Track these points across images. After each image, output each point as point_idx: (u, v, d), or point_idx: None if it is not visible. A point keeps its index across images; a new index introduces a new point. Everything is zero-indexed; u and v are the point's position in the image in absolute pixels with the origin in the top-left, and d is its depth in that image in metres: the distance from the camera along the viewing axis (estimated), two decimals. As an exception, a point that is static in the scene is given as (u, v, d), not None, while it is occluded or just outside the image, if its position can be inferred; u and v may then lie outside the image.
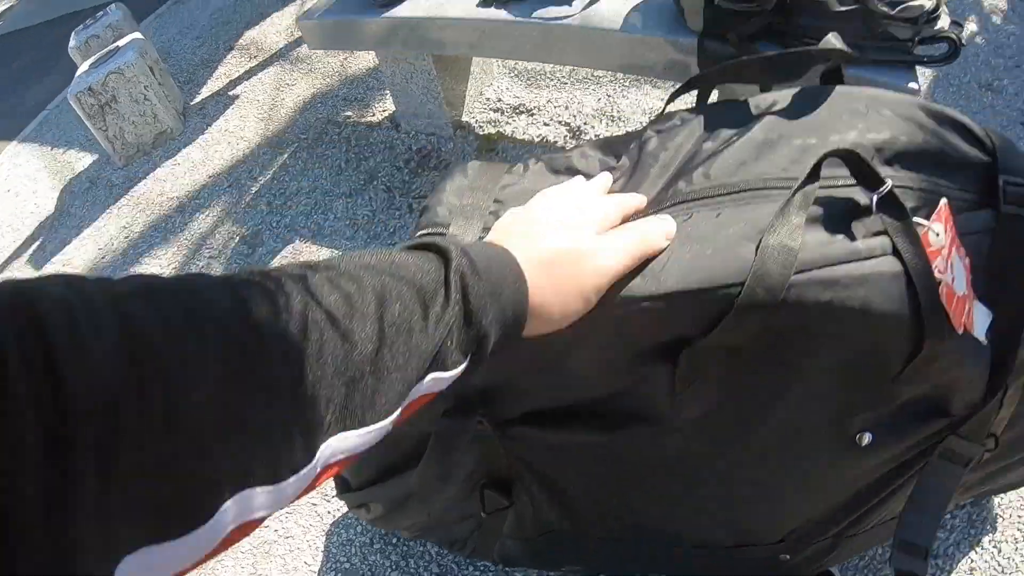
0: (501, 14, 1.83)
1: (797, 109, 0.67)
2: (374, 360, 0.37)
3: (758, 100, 0.70)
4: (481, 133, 2.31)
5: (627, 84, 2.35)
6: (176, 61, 3.49)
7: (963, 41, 1.47)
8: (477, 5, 1.89)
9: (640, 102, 2.29)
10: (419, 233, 0.73)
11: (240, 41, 3.38)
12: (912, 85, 1.42)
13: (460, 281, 0.42)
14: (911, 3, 1.37)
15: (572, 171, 0.74)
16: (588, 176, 0.70)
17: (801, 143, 0.63)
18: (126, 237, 2.57)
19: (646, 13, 1.72)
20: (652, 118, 0.76)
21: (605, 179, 0.68)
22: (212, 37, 3.54)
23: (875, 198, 0.55)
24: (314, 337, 0.35)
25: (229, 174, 2.59)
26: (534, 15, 1.78)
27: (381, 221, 2.13)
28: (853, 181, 0.57)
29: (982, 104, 2.25)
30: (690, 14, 1.60)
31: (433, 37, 1.97)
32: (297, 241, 2.19)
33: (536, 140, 2.25)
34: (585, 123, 2.26)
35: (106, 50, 3.04)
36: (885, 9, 1.37)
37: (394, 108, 2.43)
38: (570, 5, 1.78)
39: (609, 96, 2.34)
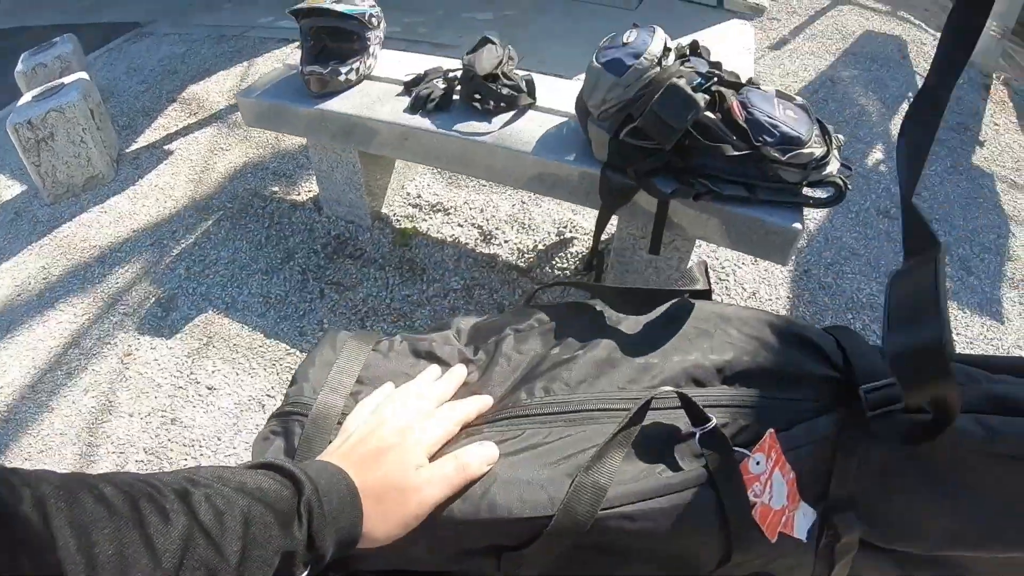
0: (425, 123, 2.00)
1: (648, 326, 0.70)
2: (238, 569, 0.48)
3: (611, 313, 0.74)
4: (398, 227, 2.47)
5: (542, 194, 2.54)
6: (118, 102, 3.53)
7: (849, 185, 1.62)
8: (404, 110, 2.06)
9: (552, 212, 2.49)
10: (286, 407, 0.76)
11: (183, 94, 3.46)
12: (796, 225, 1.61)
13: (308, 513, 0.53)
14: (801, 151, 1.55)
15: (432, 358, 0.77)
16: (447, 365, 0.75)
17: (643, 362, 0.66)
18: (44, 279, 2.60)
19: (557, 139, 1.91)
20: (519, 302, 0.80)
21: (458, 375, 0.74)
22: (156, 85, 3.60)
23: (698, 433, 0.58)
24: (191, 547, 0.45)
25: (153, 231, 2.66)
26: (454, 128, 1.96)
27: (292, 303, 2.25)
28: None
29: (878, 231, 2.52)
30: (596, 145, 1.77)
31: (359, 134, 2.12)
32: (210, 311, 2.28)
33: (449, 240, 2.41)
34: (497, 228, 2.44)
35: (50, 85, 3.08)
36: (776, 155, 1.54)
37: (319, 191, 2.56)
38: (489, 123, 1.97)
39: (523, 204, 2.53)
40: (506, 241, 2.40)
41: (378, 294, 2.24)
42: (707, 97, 1.58)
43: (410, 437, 0.63)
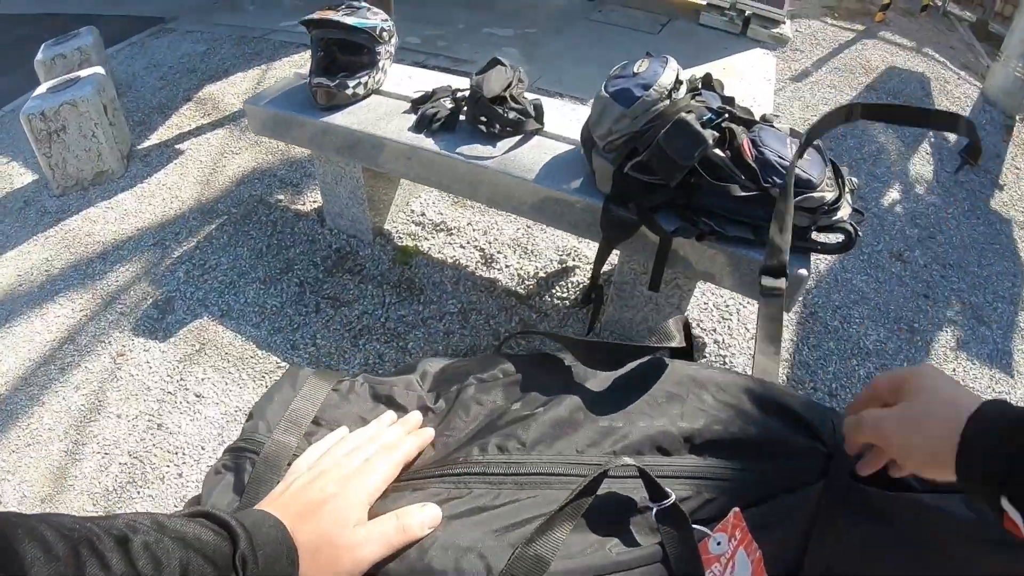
0: (428, 143, 1.97)
1: (616, 385, 0.68)
2: None
3: (580, 368, 0.71)
4: (399, 244, 2.44)
5: (543, 223, 2.51)
6: (135, 97, 3.55)
7: (860, 232, 1.56)
8: (409, 129, 2.03)
9: (556, 239, 2.45)
10: (239, 442, 0.78)
11: (199, 93, 3.47)
12: (801, 271, 1.54)
13: (243, 566, 0.54)
14: (811, 194, 1.50)
15: (391, 403, 0.76)
16: (405, 411, 0.74)
17: (607, 425, 0.63)
18: (46, 271, 2.60)
19: (561, 168, 1.86)
20: (502, 341, 0.77)
21: (413, 422, 0.73)
22: (175, 82, 3.62)
23: (655, 509, 0.55)
24: None
25: (157, 232, 2.66)
26: (457, 150, 1.93)
27: (287, 315, 2.23)
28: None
29: (890, 273, 2.46)
30: (600, 177, 1.73)
31: (363, 150, 2.09)
32: (206, 317, 2.26)
33: (450, 261, 2.39)
34: (499, 251, 2.41)
35: (66, 77, 3.10)
36: None
37: (323, 203, 2.54)
38: (494, 147, 1.94)
39: (528, 228, 2.50)
40: (507, 266, 2.37)
41: (373, 312, 2.22)
42: (716, 134, 1.55)
43: (351, 489, 0.62)
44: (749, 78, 3.73)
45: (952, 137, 3.30)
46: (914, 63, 3.92)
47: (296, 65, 3.69)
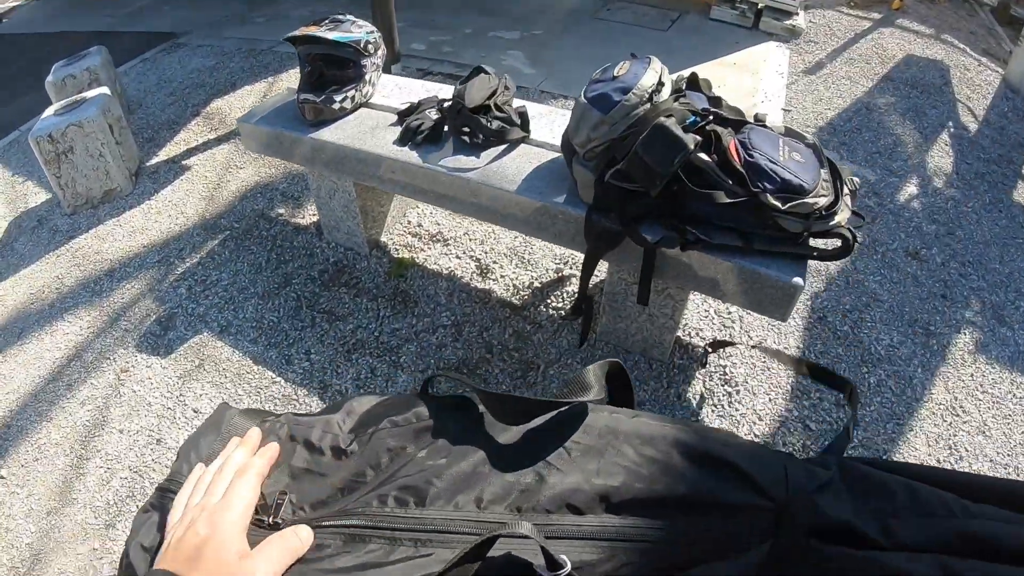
0: (412, 156, 1.95)
1: (528, 436, 0.64)
2: None
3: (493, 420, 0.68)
4: (395, 256, 2.43)
5: (529, 235, 2.47)
6: (145, 114, 3.60)
7: (859, 238, 1.49)
8: (393, 142, 2.01)
9: (553, 248, 2.41)
10: (165, 482, 0.75)
11: (207, 108, 3.51)
12: (796, 280, 1.48)
13: None
14: (804, 200, 1.43)
15: (308, 445, 0.73)
16: (320, 454, 0.72)
17: (513, 480, 0.60)
18: (57, 288, 2.65)
19: (544, 178, 1.82)
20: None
21: (254, 438, 0.72)
22: (183, 98, 3.67)
23: None
24: None
25: (162, 248, 2.69)
26: (440, 162, 1.90)
27: (283, 330, 2.23)
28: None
29: (905, 273, 2.37)
30: (582, 186, 1.68)
31: (351, 165, 2.08)
32: (206, 333, 2.28)
33: (445, 272, 2.36)
34: (495, 261, 2.38)
35: (73, 98, 3.15)
36: (776, 203, 1.42)
37: (319, 216, 2.55)
38: (477, 157, 1.91)
39: (525, 237, 2.46)
40: (503, 276, 2.34)
41: (367, 326, 2.21)
42: (698, 138, 1.48)
43: (221, 525, 0.61)
44: (761, 72, 3.64)
45: (972, 127, 3.17)
46: (933, 50, 3.79)
47: (302, 77, 3.72)
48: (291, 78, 3.69)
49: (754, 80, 3.54)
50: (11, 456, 2.05)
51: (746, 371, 2.01)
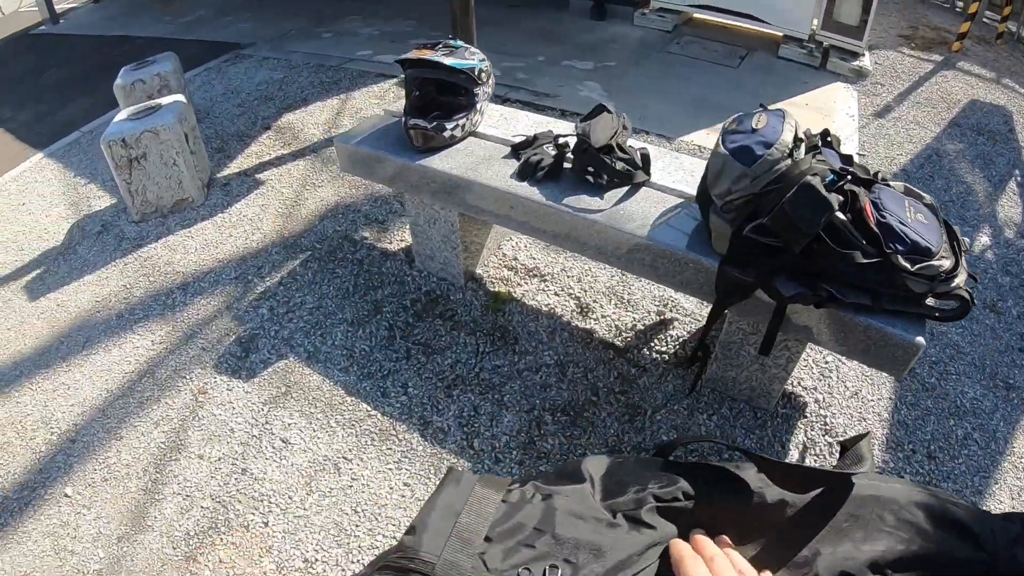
0: (533, 192, 1.89)
1: (802, 511, 0.67)
2: None
3: (760, 489, 0.69)
4: (492, 289, 2.36)
5: (652, 280, 2.42)
6: (212, 124, 3.56)
7: (976, 300, 1.51)
8: (511, 176, 1.95)
9: (652, 287, 2.35)
10: (401, 559, 0.68)
11: (278, 122, 3.46)
12: (919, 340, 1.48)
13: None
14: (931, 262, 1.43)
15: (575, 515, 0.69)
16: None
17: (808, 553, 0.63)
18: (125, 298, 2.58)
19: (672, 224, 1.77)
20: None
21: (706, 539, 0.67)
22: (252, 109, 3.62)
23: None
24: None
25: (239, 264, 2.62)
26: (563, 201, 1.85)
27: (377, 360, 2.16)
28: None
29: (984, 326, 2.31)
30: (716, 236, 1.65)
31: (461, 196, 2.02)
32: (291, 358, 2.20)
33: (544, 309, 2.29)
34: (595, 300, 2.32)
35: (147, 104, 3.11)
36: (906, 264, 1.43)
37: (413, 243, 2.48)
38: (601, 198, 1.85)
39: (623, 276, 2.40)
40: (604, 316, 2.27)
41: (467, 361, 2.13)
42: (840, 198, 1.47)
43: None
44: (832, 114, 3.61)
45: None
46: (995, 95, 3.77)
47: (375, 96, 3.68)
48: (364, 96, 3.66)
49: (826, 122, 3.50)
50: (77, 473, 1.96)
51: (845, 420, 1.95)
